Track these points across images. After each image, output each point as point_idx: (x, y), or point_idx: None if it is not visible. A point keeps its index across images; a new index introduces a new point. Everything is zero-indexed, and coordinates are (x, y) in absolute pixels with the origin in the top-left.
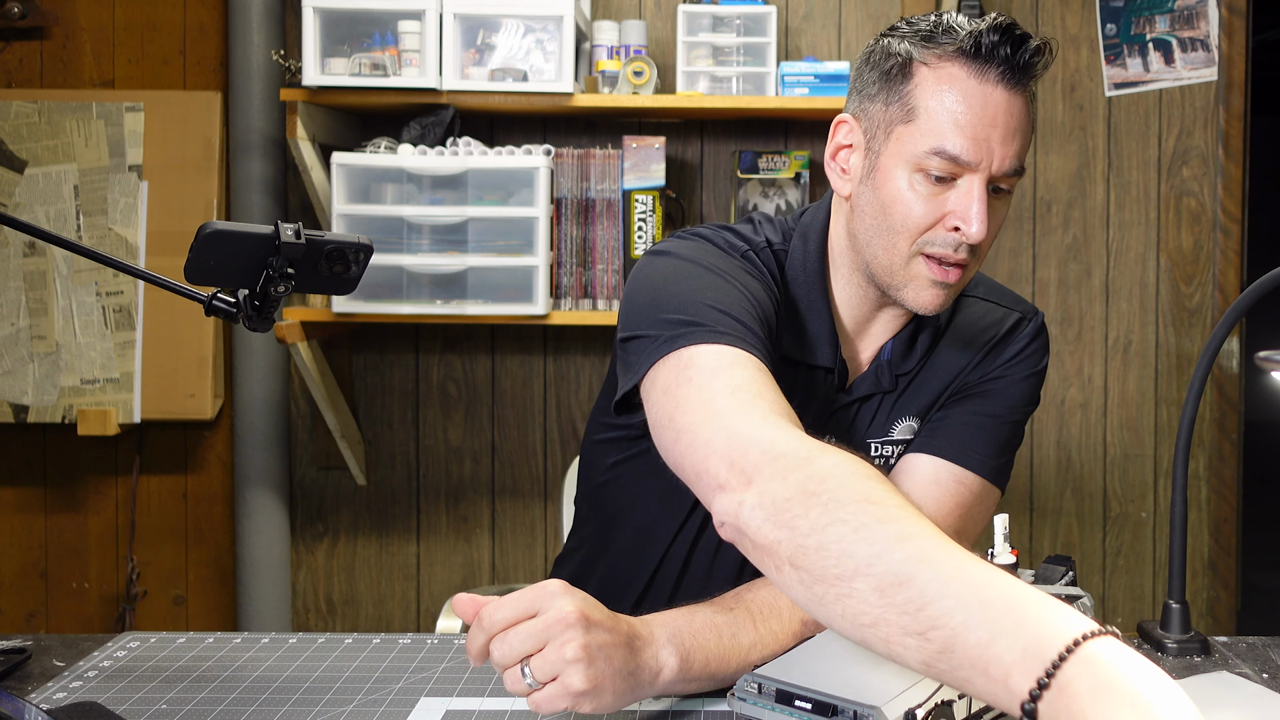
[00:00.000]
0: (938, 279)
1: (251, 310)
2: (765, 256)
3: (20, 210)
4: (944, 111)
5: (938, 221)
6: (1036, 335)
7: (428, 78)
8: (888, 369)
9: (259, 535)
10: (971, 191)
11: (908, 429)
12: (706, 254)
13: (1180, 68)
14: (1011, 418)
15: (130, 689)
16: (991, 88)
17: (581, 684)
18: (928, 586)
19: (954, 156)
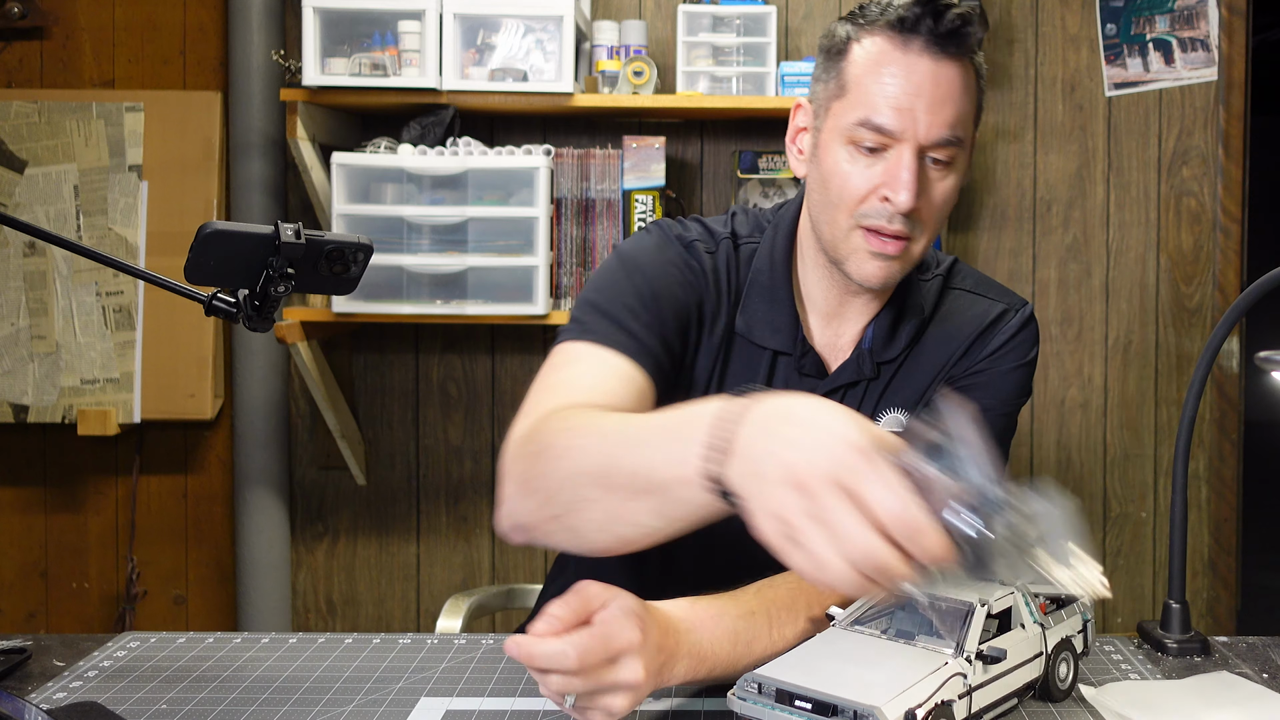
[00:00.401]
0: (875, 250)
1: (251, 310)
2: (723, 248)
3: (20, 210)
4: (870, 83)
5: (871, 192)
6: (1023, 327)
7: (428, 78)
8: (869, 356)
9: (259, 535)
10: (900, 161)
11: (894, 421)
12: (643, 249)
13: (1180, 68)
14: (1001, 410)
15: (130, 689)
16: (916, 58)
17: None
18: (624, 454)
19: (878, 126)
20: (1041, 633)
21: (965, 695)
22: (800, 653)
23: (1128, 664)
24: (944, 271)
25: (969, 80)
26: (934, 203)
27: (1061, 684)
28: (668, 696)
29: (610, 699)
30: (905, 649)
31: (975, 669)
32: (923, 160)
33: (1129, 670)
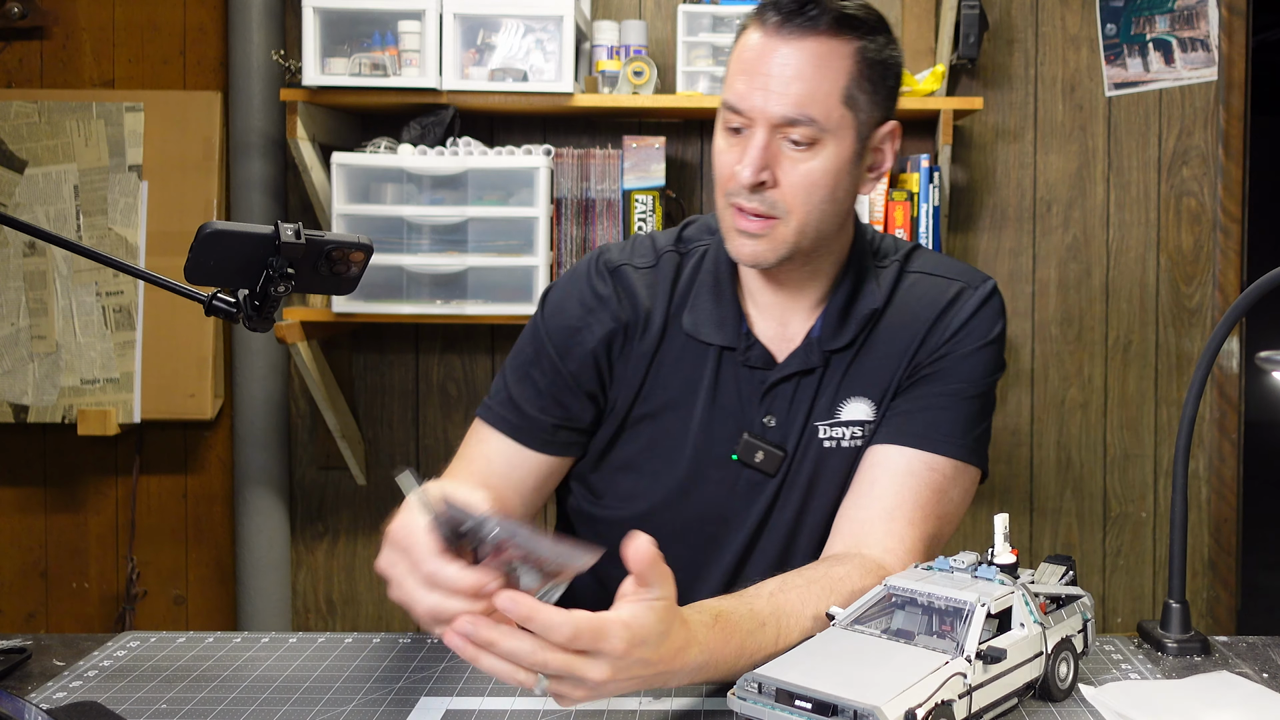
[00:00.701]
0: (740, 227)
1: (251, 310)
2: (666, 260)
3: (20, 210)
4: (733, 67)
5: (733, 171)
6: (982, 304)
7: (428, 78)
8: (817, 345)
9: (259, 535)
10: (750, 138)
11: (857, 410)
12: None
13: (1180, 68)
14: (972, 392)
15: (130, 689)
16: (769, 39)
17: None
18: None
19: (732, 105)
20: (1041, 633)
21: (965, 695)
22: (800, 653)
23: (1128, 664)
24: (901, 257)
25: (829, 60)
26: (795, 183)
27: (1061, 684)
28: (668, 696)
29: (567, 687)
30: (905, 649)
31: (975, 669)
32: (779, 140)
33: (1129, 670)
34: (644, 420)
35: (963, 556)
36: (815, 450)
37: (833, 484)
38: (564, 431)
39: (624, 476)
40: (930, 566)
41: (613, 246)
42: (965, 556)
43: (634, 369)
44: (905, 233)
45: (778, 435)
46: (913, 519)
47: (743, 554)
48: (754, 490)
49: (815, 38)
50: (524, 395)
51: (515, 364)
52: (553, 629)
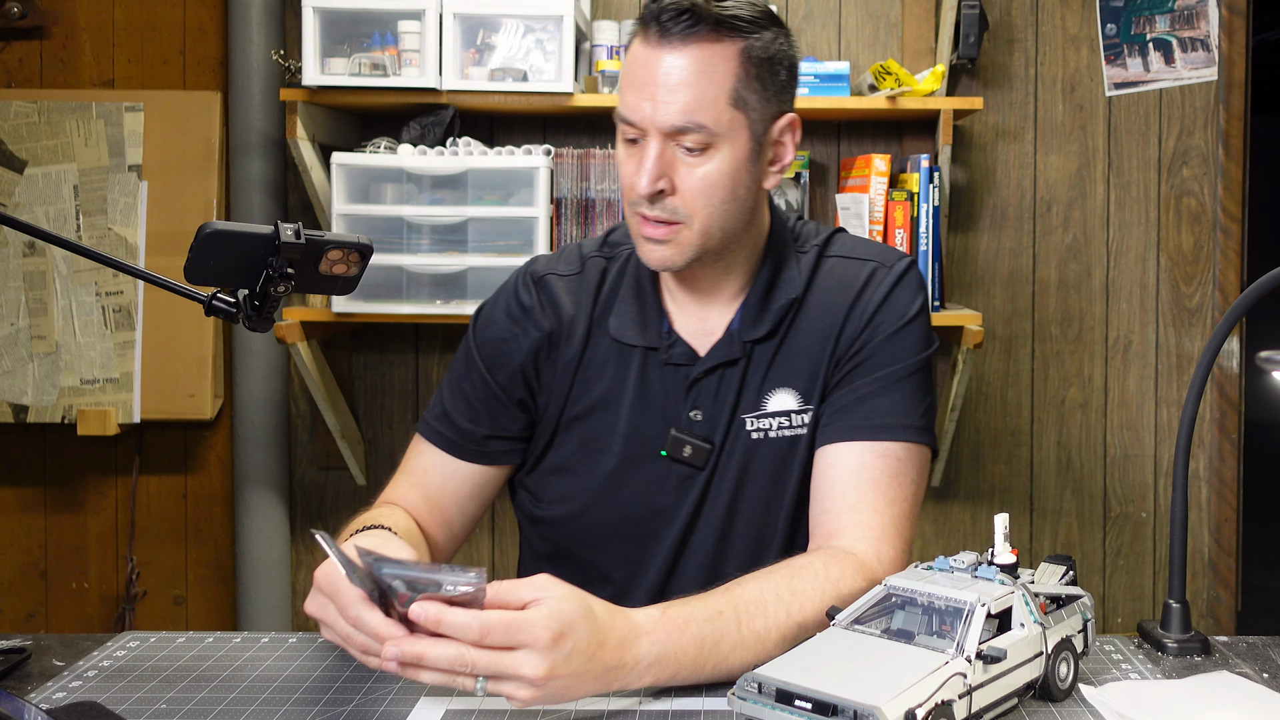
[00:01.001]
0: (644, 234)
1: (251, 310)
2: (592, 265)
3: (20, 210)
4: (622, 80)
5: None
6: (897, 283)
7: (427, 78)
8: (737, 337)
9: (259, 535)
10: (644, 148)
11: (784, 401)
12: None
13: (1180, 68)
14: (903, 373)
15: (130, 689)
16: (651, 50)
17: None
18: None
19: (624, 118)
20: (1041, 633)
21: (965, 695)
22: (800, 653)
23: (1128, 664)
24: (820, 242)
25: (713, 64)
26: (693, 188)
27: (1061, 684)
28: (668, 696)
29: (511, 687)
30: (905, 649)
31: (975, 669)
32: (672, 148)
33: (1129, 670)
34: (574, 423)
35: (963, 556)
36: (743, 442)
37: (763, 475)
38: (494, 441)
39: (559, 478)
40: (930, 566)
41: (541, 257)
42: (965, 556)
43: (561, 375)
44: (905, 233)
45: (705, 429)
46: (876, 506)
47: (678, 546)
48: (685, 484)
49: (697, 44)
50: (456, 408)
51: (449, 379)
52: (460, 629)
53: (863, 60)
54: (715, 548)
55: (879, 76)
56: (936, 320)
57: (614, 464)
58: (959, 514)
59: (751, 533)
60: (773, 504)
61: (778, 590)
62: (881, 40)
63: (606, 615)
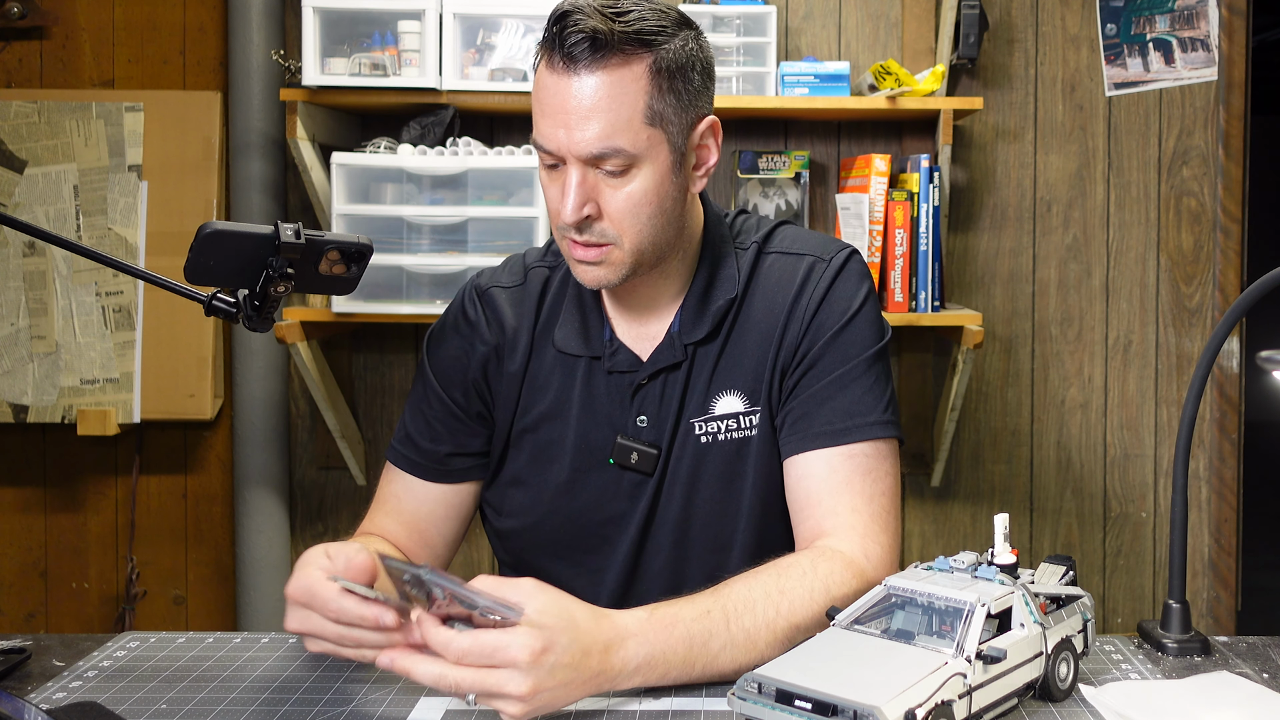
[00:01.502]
0: (576, 257)
1: (251, 310)
2: (534, 276)
3: (20, 210)
4: (534, 107)
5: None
6: (837, 274)
7: (427, 78)
8: (678, 340)
9: (259, 535)
10: (565, 176)
11: (731, 403)
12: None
13: (1180, 68)
14: (858, 371)
15: (130, 689)
16: (559, 76)
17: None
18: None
19: (540, 146)
20: (1041, 633)
21: (965, 695)
22: (800, 653)
23: (1128, 664)
24: (760, 238)
25: (623, 86)
26: (619, 209)
27: (1061, 684)
28: (668, 696)
29: (500, 704)
30: (905, 649)
31: (975, 669)
32: (593, 171)
33: (1129, 670)
34: (525, 435)
35: (963, 556)
36: (692, 446)
37: (715, 477)
38: (457, 459)
39: (515, 490)
40: (930, 566)
41: (486, 270)
42: (965, 556)
43: (508, 387)
44: (905, 233)
45: (651, 434)
46: (855, 506)
47: (635, 553)
48: (636, 491)
49: (603, 68)
50: (418, 430)
51: (410, 402)
52: (445, 647)
53: (863, 60)
54: (674, 552)
55: (879, 76)
56: (937, 320)
57: (565, 474)
58: (959, 514)
59: (709, 535)
60: (728, 506)
61: (766, 589)
62: (881, 40)
63: (591, 621)
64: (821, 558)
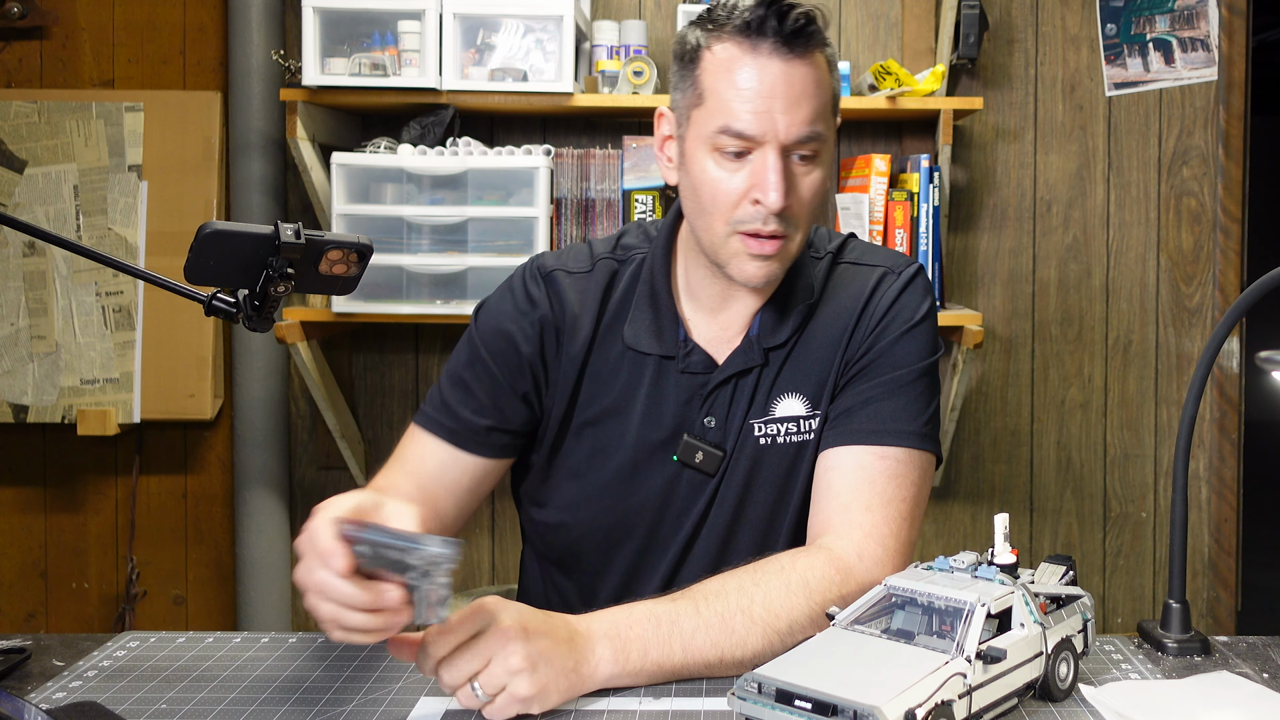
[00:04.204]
0: (754, 253)
1: (251, 310)
2: (602, 266)
3: (20, 210)
4: (726, 90)
5: (742, 197)
6: (905, 287)
7: (428, 78)
8: (756, 344)
9: (259, 535)
10: (765, 163)
11: (792, 406)
12: (486, 315)
13: (1180, 68)
14: (909, 378)
15: (130, 689)
16: (766, 60)
17: (528, 690)
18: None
19: (739, 132)
20: (1041, 633)
21: (965, 695)
22: (800, 653)
23: (1128, 664)
24: (834, 249)
25: (822, 74)
26: (804, 198)
27: (1061, 684)
28: (668, 696)
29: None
30: (905, 649)
31: (975, 669)
32: (788, 158)
33: (1129, 670)
34: (585, 428)
35: (963, 556)
36: (751, 447)
37: (769, 480)
38: (496, 434)
39: (569, 483)
40: (930, 566)
41: (547, 254)
42: (965, 556)
43: (565, 373)
44: (905, 233)
45: (717, 435)
46: (869, 505)
47: (682, 552)
48: (694, 490)
49: (811, 54)
50: (457, 399)
51: (450, 370)
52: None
53: (863, 60)
54: (719, 552)
55: (879, 76)
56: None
57: (625, 470)
58: (959, 514)
59: (755, 538)
60: (779, 509)
61: (739, 580)
62: (881, 40)
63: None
64: (803, 553)
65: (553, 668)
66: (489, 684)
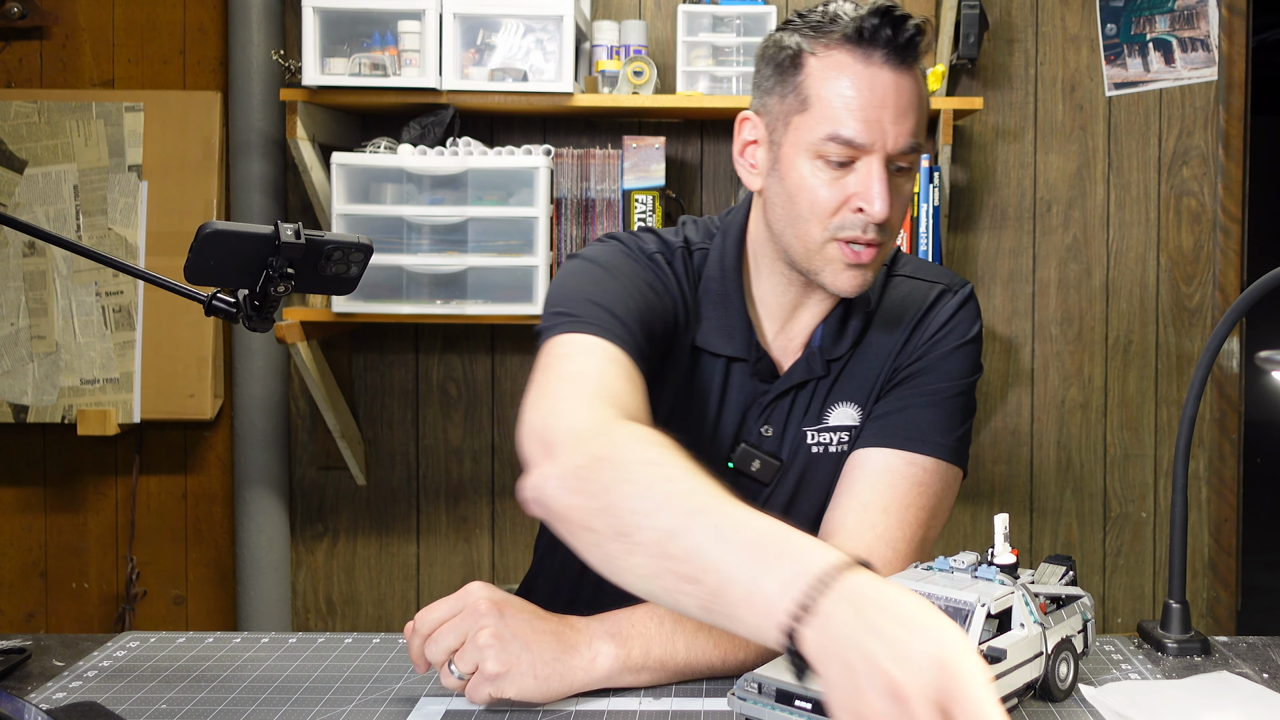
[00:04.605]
0: (851, 261)
1: (251, 310)
2: (678, 257)
3: (20, 210)
4: (835, 97)
5: (842, 205)
6: (962, 305)
7: (428, 78)
8: (819, 355)
9: (259, 535)
10: (870, 172)
11: (844, 415)
12: (609, 254)
13: (1180, 68)
14: (951, 391)
15: (130, 689)
16: (878, 70)
17: (494, 667)
18: (700, 535)
19: (848, 140)
20: (1041, 633)
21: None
22: None
23: (1128, 664)
24: (888, 261)
25: (923, 87)
26: (899, 207)
27: (1061, 684)
28: (668, 696)
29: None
30: None
31: None
32: (887, 168)
33: (1129, 670)
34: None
35: (963, 556)
36: (803, 455)
37: (817, 488)
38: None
39: None
40: (930, 566)
41: (645, 233)
42: (965, 556)
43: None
44: (905, 233)
45: (774, 444)
46: (887, 508)
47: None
48: (746, 498)
49: (917, 66)
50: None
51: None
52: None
53: None
54: None
55: None
56: None
57: None
58: (959, 514)
59: None
60: (821, 515)
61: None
62: None
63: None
64: None
65: (528, 651)
66: (462, 661)
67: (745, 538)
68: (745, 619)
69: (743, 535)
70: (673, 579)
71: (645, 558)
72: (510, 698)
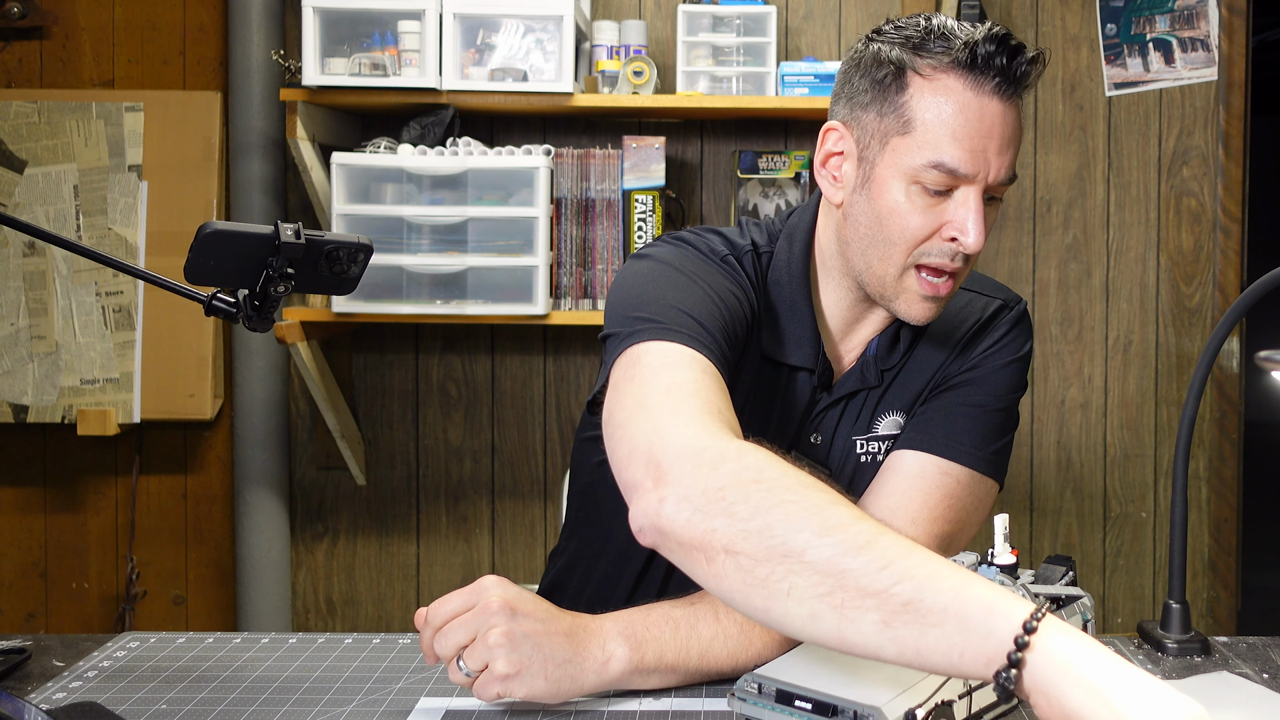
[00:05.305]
0: (928, 294)
1: (251, 310)
2: (747, 260)
3: (20, 210)
4: (942, 124)
5: (934, 232)
6: (1017, 322)
7: (428, 78)
8: (873, 365)
9: (259, 535)
10: (968, 203)
11: (893, 424)
12: (683, 258)
13: (1180, 68)
14: (996, 405)
15: (130, 689)
16: (988, 99)
17: (505, 668)
18: (889, 548)
19: (953, 170)
20: None
21: (965, 695)
22: (800, 653)
23: None
24: None
25: (1023, 118)
26: (984, 236)
27: None
28: (668, 696)
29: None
30: None
31: None
32: (982, 199)
33: None
34: None
35: (963, 557)
36: (852, 464)
37: (860, 495)
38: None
39: None
40: None
41: (711, 233)
42: (965, 557)
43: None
44: None
45: (822, 453)
46: (915, 518)
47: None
48: None
49: (1023, 97)
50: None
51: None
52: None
53: None
54: None
55: None
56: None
57: None
58: None
59: None
60: None
61: None
62: None
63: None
64: None
65: (539, 651)
66: (471, 659)
67: (938, 559)
68: (947, 626)
69: (934, 557)
70: (851, 594)
71: (815, 576)
72: (520, 698)
